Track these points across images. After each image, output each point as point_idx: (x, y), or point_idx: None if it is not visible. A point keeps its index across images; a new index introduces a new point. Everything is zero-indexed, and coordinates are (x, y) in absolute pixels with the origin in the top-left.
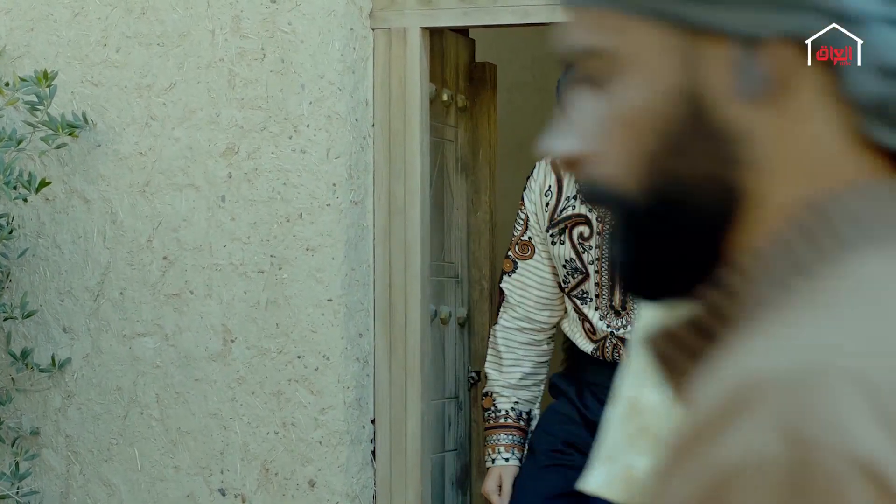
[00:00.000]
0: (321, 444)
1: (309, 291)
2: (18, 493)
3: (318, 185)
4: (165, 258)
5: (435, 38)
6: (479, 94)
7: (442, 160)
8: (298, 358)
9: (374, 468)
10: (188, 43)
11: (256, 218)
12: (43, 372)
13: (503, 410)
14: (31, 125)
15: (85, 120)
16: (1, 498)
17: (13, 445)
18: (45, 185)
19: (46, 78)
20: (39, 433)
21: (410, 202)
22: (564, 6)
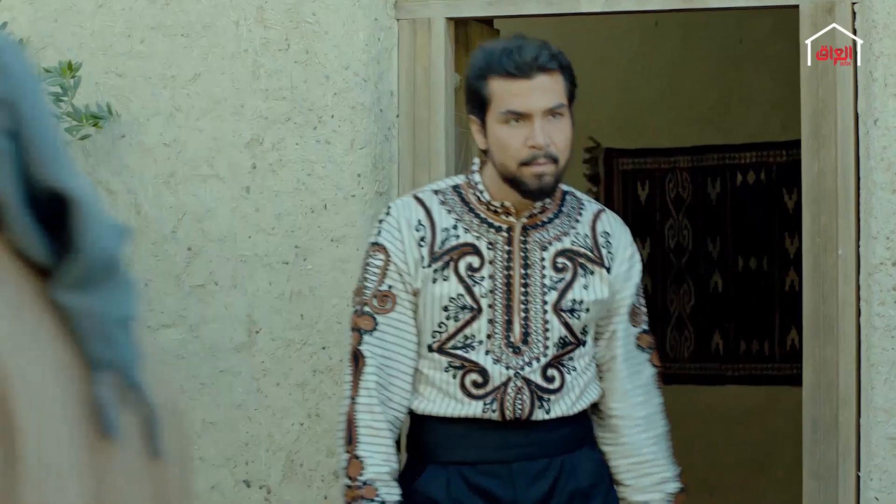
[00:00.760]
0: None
1: (334, 282)
2: None
3: (342, 175)
4: (190, 249)
5: (460, 27)
6: None
7: (467, 151)
8: (323, 349)
9: (398, 459)
10: (212, 34)
11: (281, 209)
12: None
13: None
14: (55, 116)
15: (109, 111)
16: None
17: None
18: None
19: (70, 69)
20: None
21: None
22: None
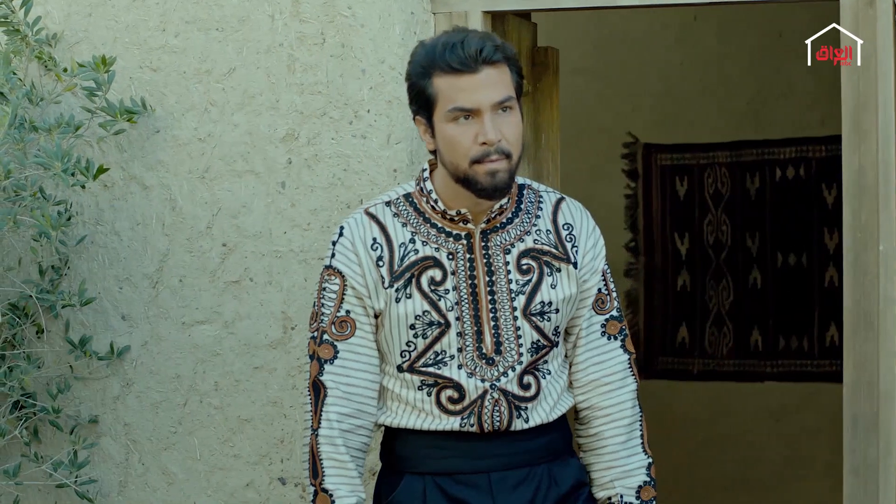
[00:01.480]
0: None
1: None
2: (77, 481)
3: (378, 171)
4: (225, 245)
5: (496, 21)
6: (541, 78)
7: None
8: None
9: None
10: (247, 27)
11: (317, 204)
12: (101, 360)
13: None
14: (89, 111)
15: (143, 106)
16: (59, 486)
17: (71, 434)
18: (102, 171)
19: (104, 63)
20: (98, 422)
21: None
22: None
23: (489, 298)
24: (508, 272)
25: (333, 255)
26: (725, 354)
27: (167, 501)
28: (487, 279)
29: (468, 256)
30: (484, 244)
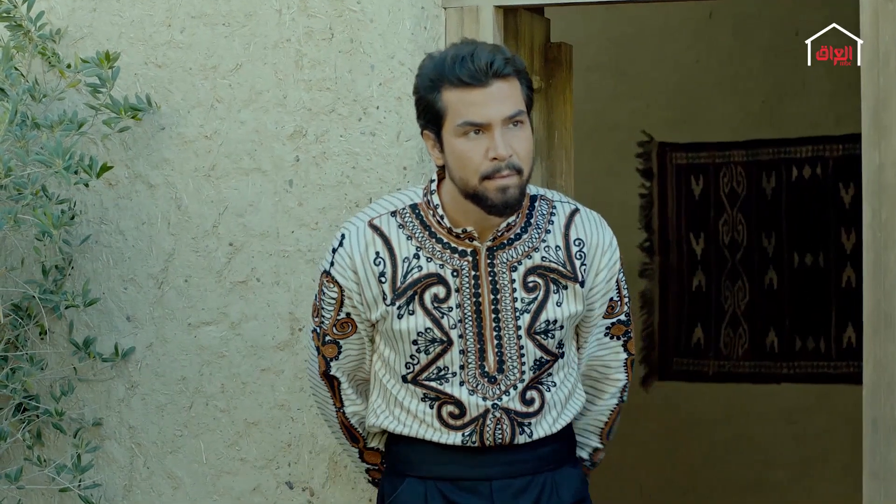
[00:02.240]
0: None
1: None
2: (80, 485)
3: (388, 168)
4: (231, 244)
5: (509, 16)
6: (554, 75)
7: None
8: None
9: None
10: (254, 23)
11: (325, 203)
12: (105, 361)
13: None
14: (93, 108)
15: (149, 102)
16: (62, 491)
17: (75, 437)
18: (105, 169)
19: (109, 59)
20: (102, 424)
21: None
22: None
23: (493, 317)
24: (514, 290)
25: (332, 263)
26: (741, 355)
27: None
28: (492, 297)
29: (473, 274)
30: (490, 261)
